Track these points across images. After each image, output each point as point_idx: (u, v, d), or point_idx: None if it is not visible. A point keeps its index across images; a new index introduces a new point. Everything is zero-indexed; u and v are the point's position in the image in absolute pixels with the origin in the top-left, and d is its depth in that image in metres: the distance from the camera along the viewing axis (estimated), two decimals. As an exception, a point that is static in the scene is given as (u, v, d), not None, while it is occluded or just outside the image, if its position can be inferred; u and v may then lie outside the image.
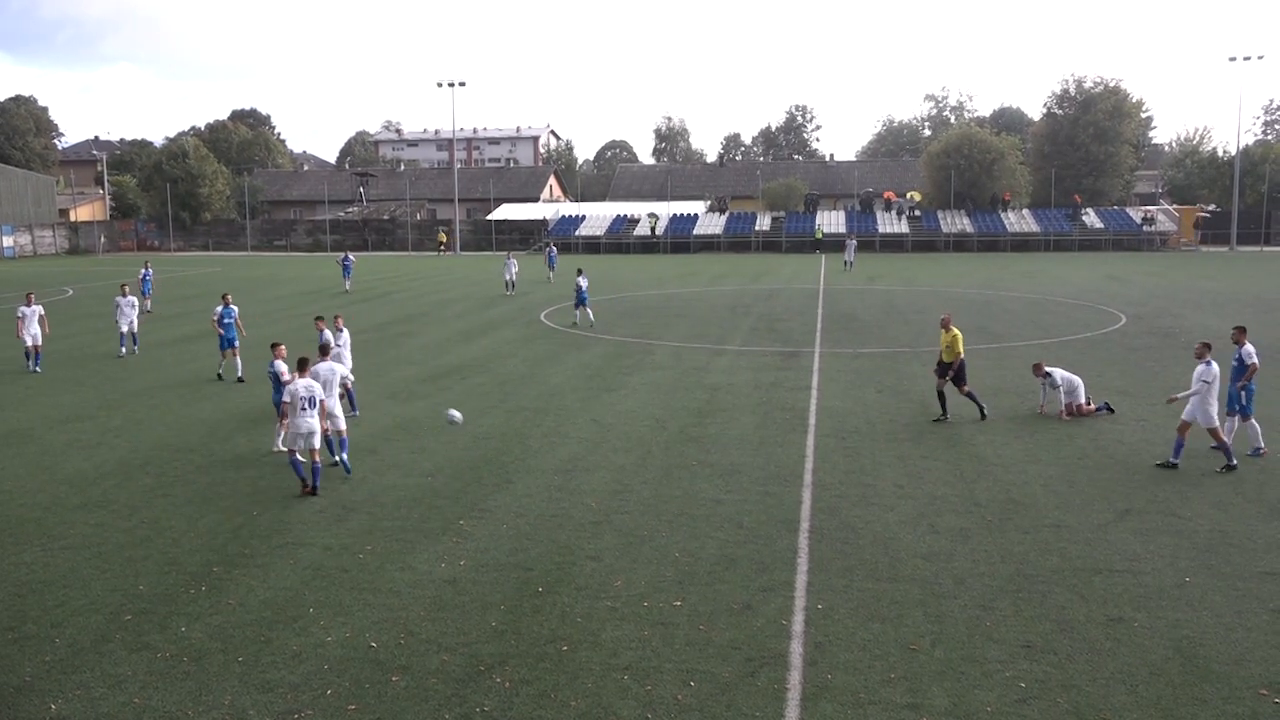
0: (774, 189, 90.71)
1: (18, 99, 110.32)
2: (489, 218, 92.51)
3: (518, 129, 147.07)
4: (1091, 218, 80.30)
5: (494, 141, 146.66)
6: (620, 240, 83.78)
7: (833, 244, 73.19)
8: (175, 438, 17.23)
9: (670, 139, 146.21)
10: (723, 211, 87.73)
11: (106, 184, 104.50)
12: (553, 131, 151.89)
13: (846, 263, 58.13)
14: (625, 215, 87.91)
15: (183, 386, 22.18)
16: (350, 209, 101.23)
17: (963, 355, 17.92)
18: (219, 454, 16.06)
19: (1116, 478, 14.31)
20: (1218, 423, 14.55)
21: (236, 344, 22.92)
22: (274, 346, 16.06)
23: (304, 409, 13.45)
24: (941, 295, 41.79)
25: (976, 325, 31.24)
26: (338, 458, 14.80)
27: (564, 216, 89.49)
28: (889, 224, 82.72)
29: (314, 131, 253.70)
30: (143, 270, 39.72)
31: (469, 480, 14.41)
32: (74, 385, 22.55)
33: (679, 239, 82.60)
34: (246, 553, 11.51)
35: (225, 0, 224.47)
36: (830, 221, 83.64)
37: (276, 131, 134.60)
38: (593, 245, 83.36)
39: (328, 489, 13.94)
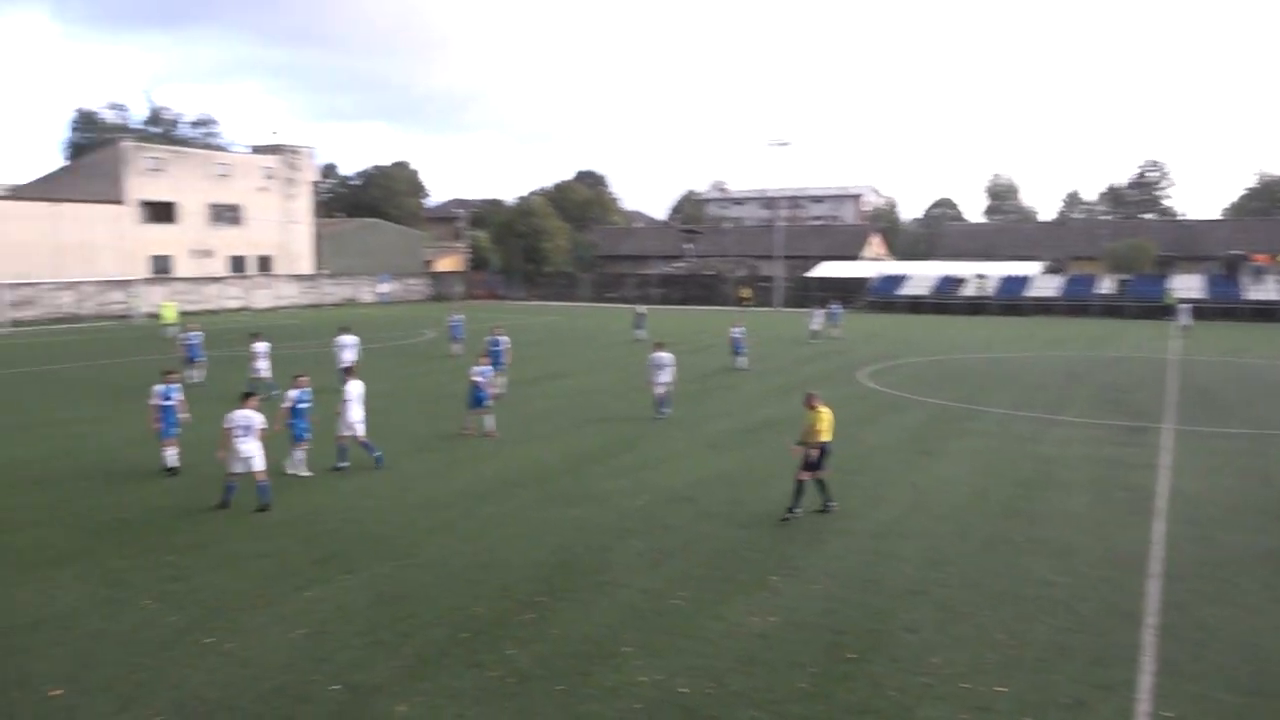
0: (1119, 249, 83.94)
1: (397, 164, 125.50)
2: (809, 274, 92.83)
3: (841, 188, 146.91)
4: None
5: (817, 200, 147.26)
6: (945, 300, 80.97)
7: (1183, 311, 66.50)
8: (511, 472, 18.61)
9: (1000, 196, 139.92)
10: (1059, 272, 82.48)
11: (465, 239, 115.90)
12: (875, 190, 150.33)
13: (1184, 326, 55.59)
14: (951, 275, 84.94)
15: (520, 427, 23.75)
16: (677, 264, 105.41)
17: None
18: (551, 491, 17.15)
19: None
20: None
21: (176, 431, 18.40)
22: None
23: (240, 436, 15.68)
24: (1323, 372, 36.58)
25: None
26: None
27: (886, 275, 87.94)
28: (1259, 291, 73.92)
29: (646, 191, 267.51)
30: (451, 317, 44.40)
31: (781, 537, 14.39)
32: (425, 420, 24.93)
33: (1009, 300, 78.44)
34: (571, 588, 12.15)
35: (574, 73, 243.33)
36: (1186, 286, 76.07)
37: (611, 191, 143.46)
38: (916, 305, 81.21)
39: (648, 535, 14.47)
